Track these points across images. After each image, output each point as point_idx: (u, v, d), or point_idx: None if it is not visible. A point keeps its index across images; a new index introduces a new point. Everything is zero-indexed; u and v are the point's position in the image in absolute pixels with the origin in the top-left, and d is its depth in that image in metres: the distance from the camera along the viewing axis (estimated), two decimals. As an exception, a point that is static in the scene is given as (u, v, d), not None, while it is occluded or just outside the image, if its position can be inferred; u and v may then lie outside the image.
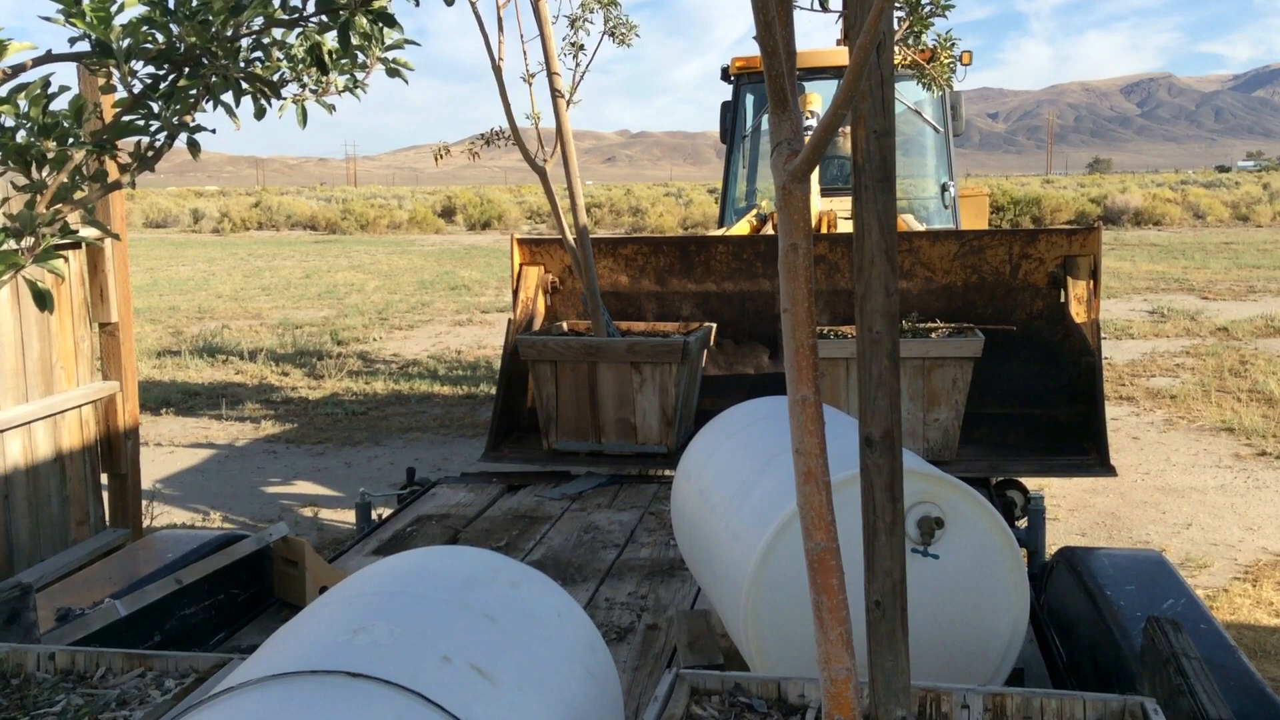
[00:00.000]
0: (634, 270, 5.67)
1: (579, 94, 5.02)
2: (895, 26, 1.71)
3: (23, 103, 1.70)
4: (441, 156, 5.38)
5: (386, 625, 1.76)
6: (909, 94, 8.10)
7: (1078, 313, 5.03)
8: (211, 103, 1.84)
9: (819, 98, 6.86)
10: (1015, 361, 5.18)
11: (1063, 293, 5.17)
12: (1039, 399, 5.12)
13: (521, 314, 5.55)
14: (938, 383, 4.61)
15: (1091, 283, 5.08)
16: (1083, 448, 4.79)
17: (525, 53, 4.88)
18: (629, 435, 4.86)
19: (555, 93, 4.91)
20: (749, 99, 8.82)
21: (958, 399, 4.63)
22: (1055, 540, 5.27)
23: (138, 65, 1.77)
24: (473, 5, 4.51)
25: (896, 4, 4.50)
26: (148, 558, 3.52)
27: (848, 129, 1.70)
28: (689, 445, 3.42)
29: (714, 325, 5.28)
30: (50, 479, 4.64)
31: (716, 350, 5.53)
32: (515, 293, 5.65)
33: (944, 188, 8.50)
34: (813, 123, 6.32)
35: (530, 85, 5.01)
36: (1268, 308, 15.63)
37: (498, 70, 4.78)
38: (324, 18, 1.90)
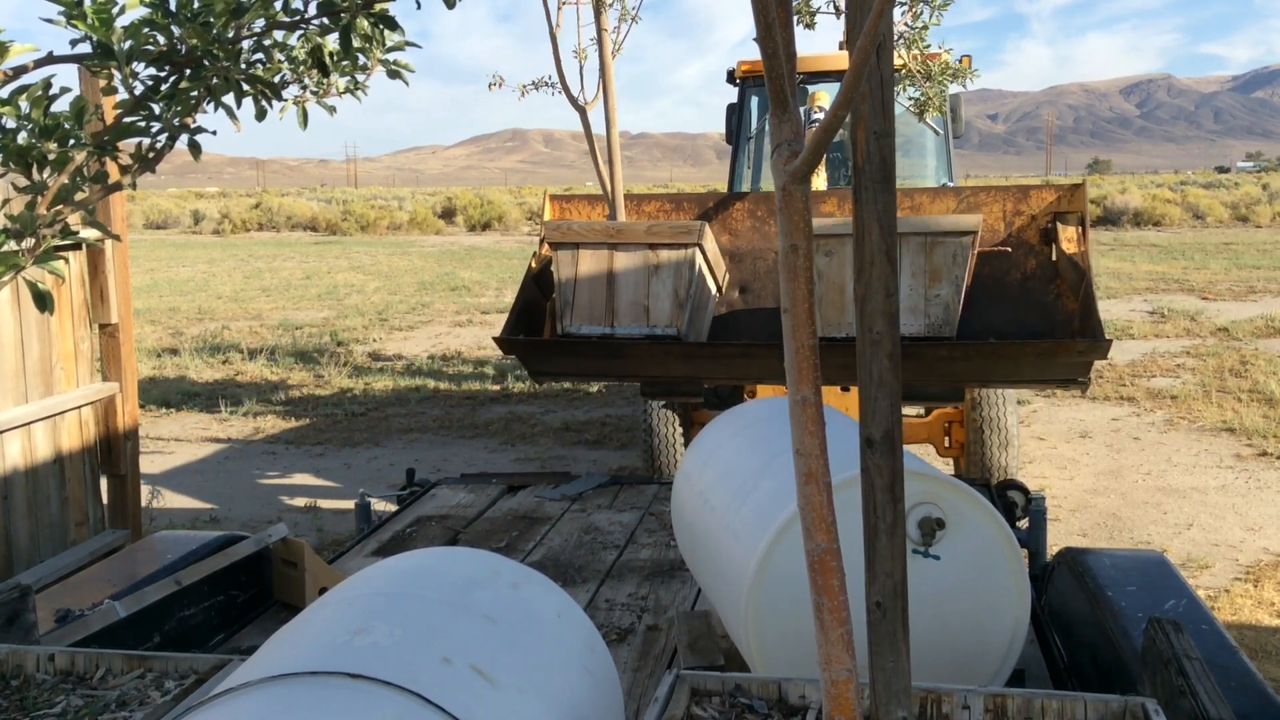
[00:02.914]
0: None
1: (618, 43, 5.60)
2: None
3: (24, 104, 1.70)
4: (496, 86, 5.95)
5: (386, 626, 1.76)
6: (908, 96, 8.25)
7: (1069, 248, 5.23)
8: (212, 104, 1.84)
9: (826, 95, 6.95)
10: (1010, 322, 5.28)
11: (1054, 248, 5.38)
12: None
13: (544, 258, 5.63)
14: (939, 259, 4.71)
15: (1080, 229, 5.25)
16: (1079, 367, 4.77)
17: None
18: (641, 318, 4.96)
19: (600, 19, 5.27)
20: (754, 101, 8.90)
21: (958, 274, 4.71)
22: (1056, 541, 5.27)
23: (139, 67, 1.77)
24: None
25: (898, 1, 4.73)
26: (147, 559, 3.52)
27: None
28: (689, 446, 3.42)
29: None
30: (50, 480, 4.64)
31: (725, 303, 5.72)
32: (542, 241, 5.72)
33: (942, 187, 8.58)
34: (819, 117, 6.55)
35: (579, 31, 5.57)
36: (1268, 308, 15.62)
37: (553, 35, 5.39)
38: (325, 20, 1.90)
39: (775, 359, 4.79)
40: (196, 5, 1.72)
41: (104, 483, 5.05)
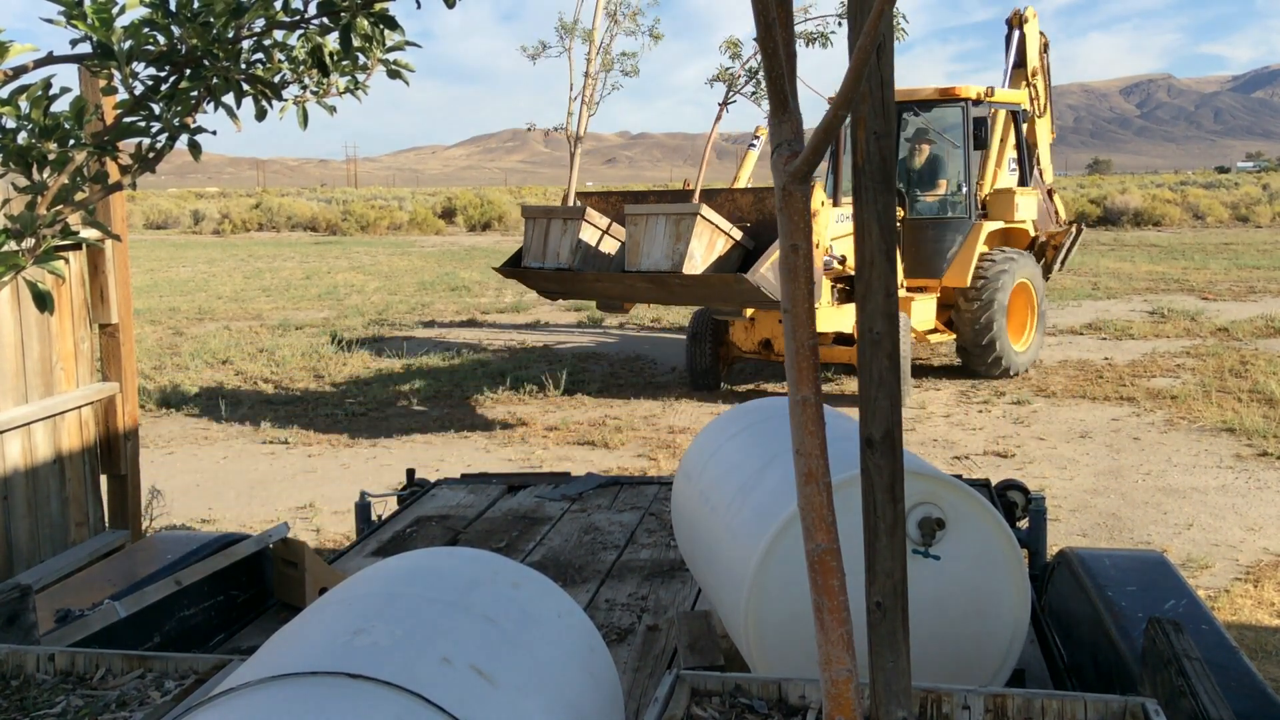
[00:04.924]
0: (604, 209, 9.26)
1: (595, 103, 9.07)
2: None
3: (24, 104, 1.70)
4: (529, 130, 9.68)
5: (386, 626, 1.76)
6: (937, 121, 11.73)
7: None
8: (212, 104, 1.84)
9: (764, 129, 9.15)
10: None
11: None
12: None
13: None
14: (681, 228, 7.91)
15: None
16: None
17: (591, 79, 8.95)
18: (555, 258, 8.72)
19: (585, 89, 8.95)
20: None
21: (689, 236, 7.82)
22: (1056, 541, 5.27)
23: (139, 67, 1.77)
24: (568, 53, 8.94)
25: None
26: (147, 559, 3.52)
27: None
28: (690, 446, 3.42)
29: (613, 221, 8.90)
30: (50, 480, 4.64)
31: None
32: None
33: (959, 187, 11.61)
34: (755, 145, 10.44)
35: (585, 100, 8.96)
36: (1268, 308, 15.62)
37: (571, 102, 8.98)
38: (325, 20, 1.90)
39: (615, 284, 8.96)
40: (196, 5, 1.72)
41: (104, 483, 5.05)
